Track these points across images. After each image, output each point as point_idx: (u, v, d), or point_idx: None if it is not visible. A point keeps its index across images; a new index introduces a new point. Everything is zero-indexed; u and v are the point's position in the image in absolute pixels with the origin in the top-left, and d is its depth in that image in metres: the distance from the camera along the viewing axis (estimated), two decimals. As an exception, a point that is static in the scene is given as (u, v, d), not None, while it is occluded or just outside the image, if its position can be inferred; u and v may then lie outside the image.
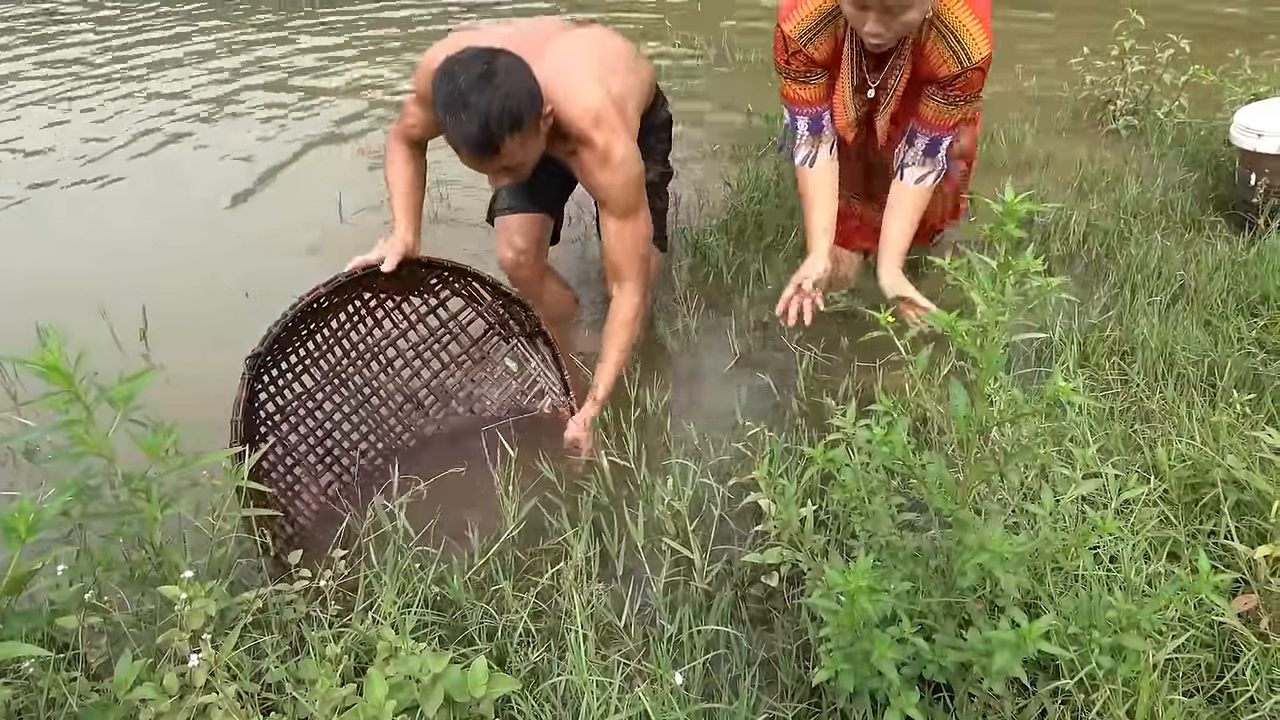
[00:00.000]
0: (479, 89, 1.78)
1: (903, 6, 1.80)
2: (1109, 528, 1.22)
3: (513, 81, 1.82)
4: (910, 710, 1.20)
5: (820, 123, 2.20)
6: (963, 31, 1.93)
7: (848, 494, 1.39)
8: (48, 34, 6.44)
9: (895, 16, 1.83)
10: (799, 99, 2.18)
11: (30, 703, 1.29)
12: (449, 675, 1.25)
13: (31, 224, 3.55)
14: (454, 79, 1.80)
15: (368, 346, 2.28)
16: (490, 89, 1.79)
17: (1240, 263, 2.53)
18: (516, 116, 1.82)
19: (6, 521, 1.22)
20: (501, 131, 1.81)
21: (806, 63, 2.10)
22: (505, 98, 1.80)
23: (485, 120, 1.79)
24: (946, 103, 2.06)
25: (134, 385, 1.35)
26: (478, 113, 1.78)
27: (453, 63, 1.82)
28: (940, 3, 1.91)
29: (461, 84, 1.78)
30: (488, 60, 1.81)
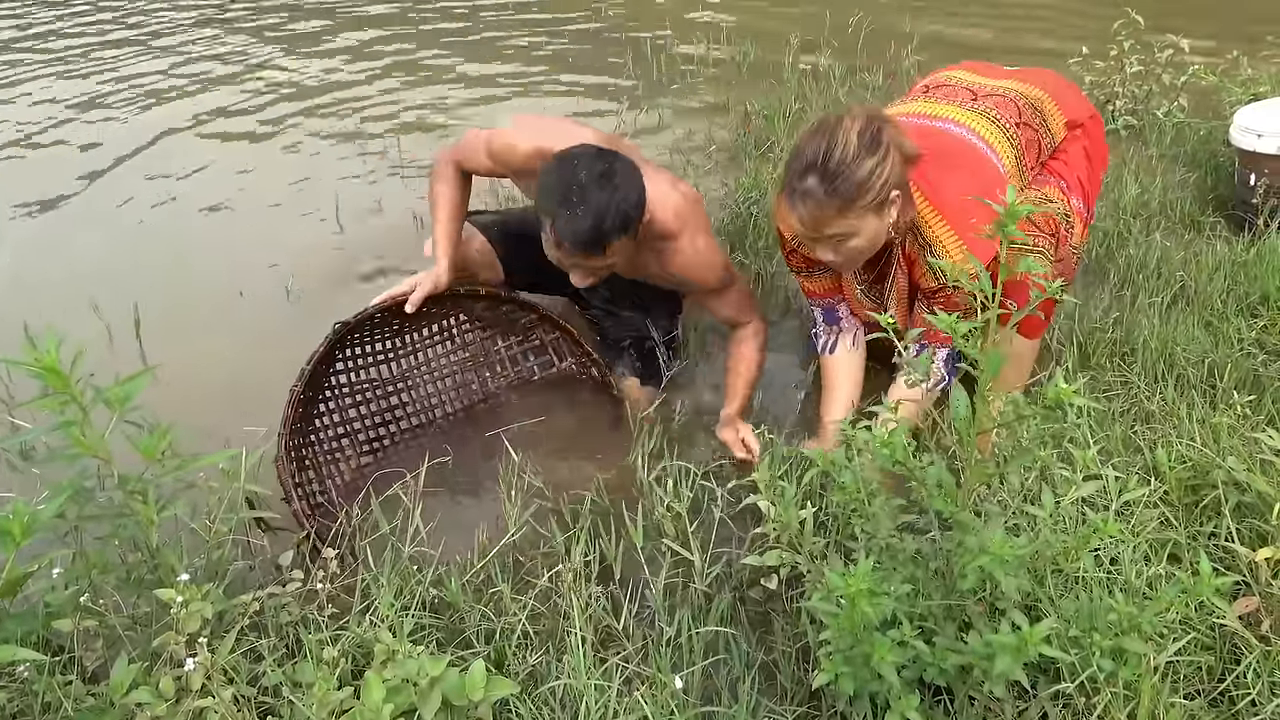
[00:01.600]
0: (599, 186, 1.81)
1: (845, 235, 1.75)
2: (1109, 530, 1.21)
3: (629, 184, 1.86)
4: (910, 713, 1.19)
5: (835, 314, 2.13)
6: (938, 246, 1.81)
7: (847, 496, 1.39)
8: (48, 30, 6.43)
9: (843, 243, 1.77)
10: (809, 290, 2.14)
11: (26, 706, 1.28)
12: (447, 678, 1.24)
13: (31, 222, 3.54)
14: (574, 172, 1.82)
15: (447, 366, 2.39)
16: (610, 188, 1.82)
17: (1240, 263, 2.53)
18: (628, 219, 1.86)
19: (2, 524, 1.21)
20: (613, 231, 1.84)
21: (804, 260, 2.04)
22: (623, 199, 1.83)
23: (601, 218, 1.81)
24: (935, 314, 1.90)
25: (130, 386, 1.34)
26: (594, 210, 1.80)
27: (573, 157, 1.86)
28: (919, 215, 1.82)
29: (582, 178, 1.81)
30: (608, 160, 1.86)
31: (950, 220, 1.80)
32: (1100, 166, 2.12)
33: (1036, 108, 1.98)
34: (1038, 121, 1.97)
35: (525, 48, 5.61)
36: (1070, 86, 2.12)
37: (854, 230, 1.74)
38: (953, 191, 1.81)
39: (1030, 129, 1.95)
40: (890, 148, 1.71)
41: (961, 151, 1.88)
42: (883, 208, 1.74)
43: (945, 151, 1.86)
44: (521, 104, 4.63)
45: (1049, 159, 2.03)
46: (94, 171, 3.99)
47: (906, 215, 1.81)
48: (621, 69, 4.99)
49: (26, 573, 1.34)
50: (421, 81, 5.05)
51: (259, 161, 4.03)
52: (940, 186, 1.82)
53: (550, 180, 1.84)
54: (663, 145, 4.01)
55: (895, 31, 5.07)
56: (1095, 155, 2.09)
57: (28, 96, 5.05)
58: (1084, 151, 2.06)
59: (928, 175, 1.81)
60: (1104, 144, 2.13)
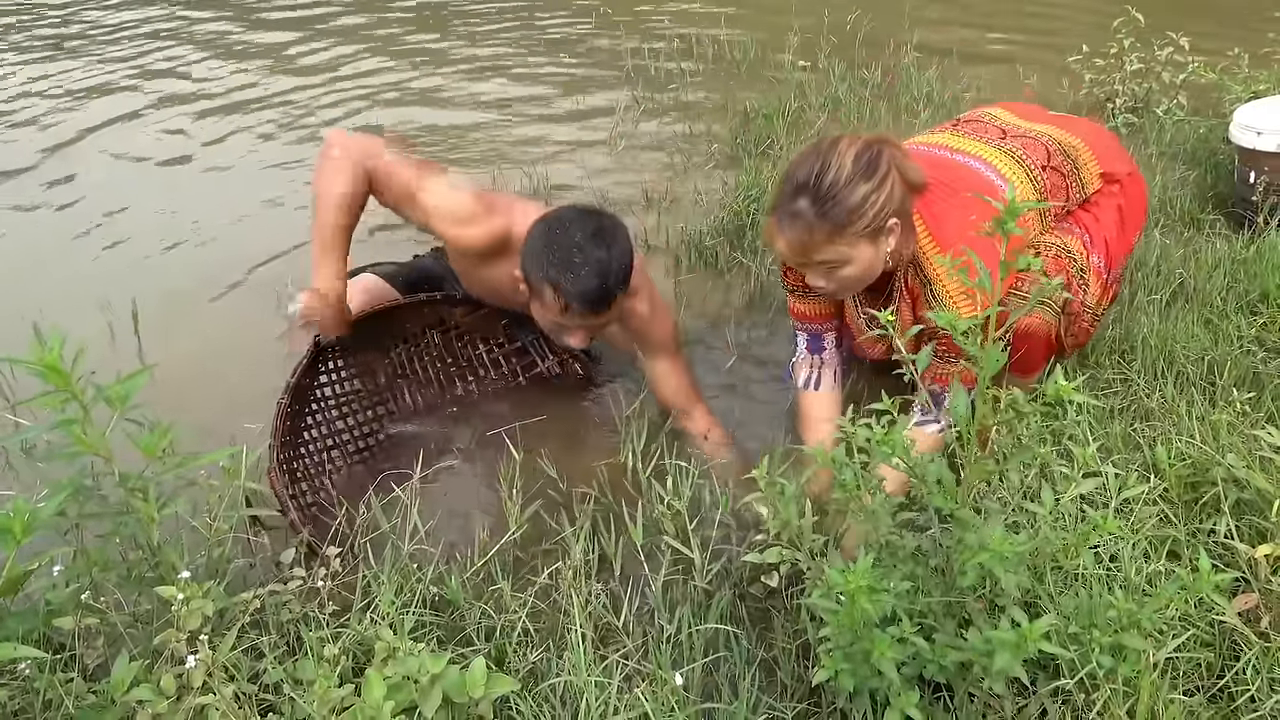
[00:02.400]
0: (597, 244, 1.80)
1: (836, 262, 1.67)
2: (1109, 527, 1.21)
3: (622, 238, 1.86)
4: (910, 710, 1.19)
5: (821, 342, 2.03)
6: (939, 286, 1.73)
7: (848, 493, 1.38)
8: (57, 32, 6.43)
9: (835, 270, 1.69)
10: (798, 313, 2.03)
11: (27, 704, 1.29)
12: (447, 675, 1.24)
13: (31, 221, 3.54)
14: (569, 234, 1.81)
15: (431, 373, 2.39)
16: (606, 245, 1.81)
17: (1239, 261, 2.53)
18: (628, 272, 1.86)
19: (2, 521, 1.21)
20: (617, 286, 1.84)
21: (801, 278, 1.90)
22: (622, 254, 1.84)
23: (606, 275, 1.80)
24: (941, 359, 1.78)
25: (130, 384, 1.34)
26: (598, 268, 1.79)
27: (563, 220, 1.85)
28: (919, 249, 1.74)
29: (579, 239, 1.80)
30: (596, 217, 1.86)
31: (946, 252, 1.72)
32: (1134, 228, 2.02)
33: (1069, 154, 1.91)
34: (1068, 168, 1.90)
35: (523, 46, 5.61)
36: (1112, 141, 2.05)
37: (845, 258, 1.66)
38: (955, 225, 1.72)
39: (1058, 174, 1.88)
40: (889, 174, 1.64)
41: (974, 186, 1.79)
42: (878, 236, 1.66)
43: (956, 184, 1.78)
44: (523, 105, 4.63)
45: (1077, 209, 1.94)
46: (96, 171, 3.99)
47: (909, 245, 1.74)
48: (620, 67, 4.99)
49: (27, 571, 1.34)
50: (418, 77, 5.05)
51: (260, 160, 4.03)
52: (944, 219, 1.73)
53: (544, 246, 1.82)
54: (662, 144, 4.01)
55: (894, 30, 5.07)
56: (1129, 215, 1.98)
57: (27, 90, 5.05)
58: (1118, 209, 1.96)
59: (932, 206, 1.74)
60: (1142, 204, 2.04)
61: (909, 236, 1.73)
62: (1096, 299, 1.93)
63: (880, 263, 1.71)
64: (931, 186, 1.74)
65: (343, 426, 2.23)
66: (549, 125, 4.33)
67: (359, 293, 2.21)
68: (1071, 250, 1.88)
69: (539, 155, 3.92)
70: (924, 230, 1.74)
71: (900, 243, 1.71)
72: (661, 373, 2.14)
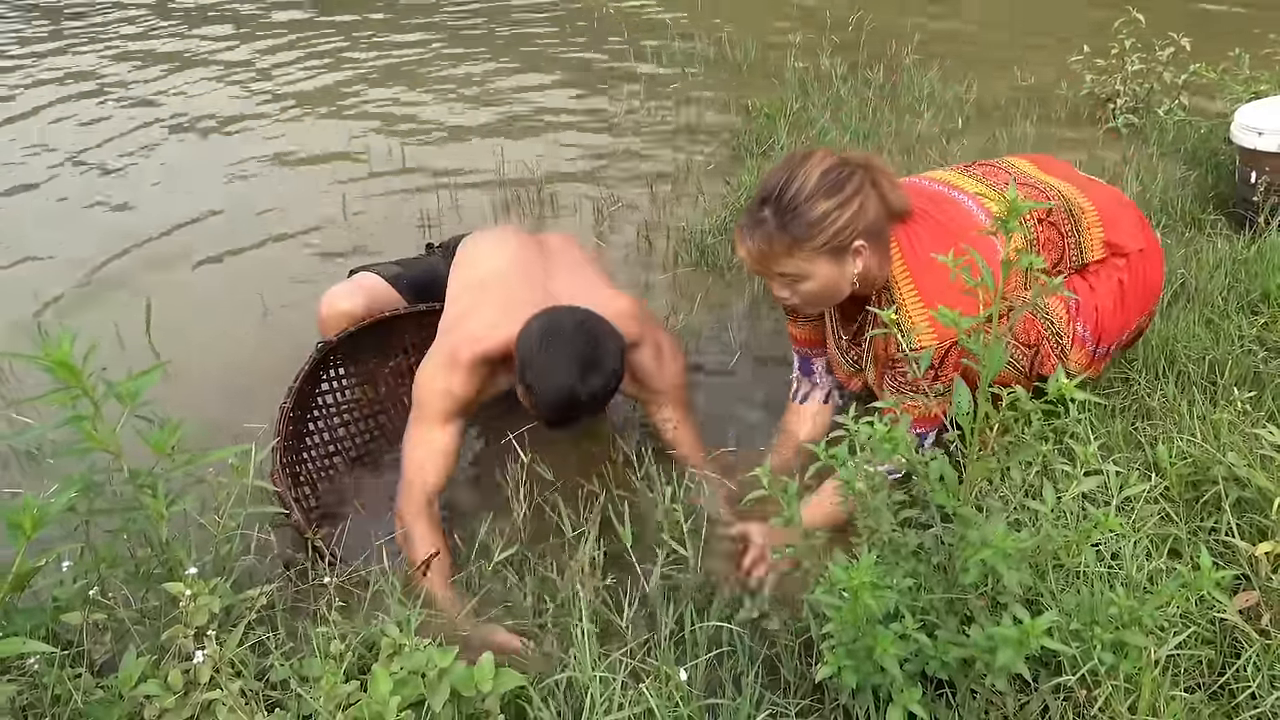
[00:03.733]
0: (580, 373, 1.72)
1: (796, 276, 1.67)
2: (1111, 524, 1.22)
3: (608, 367, 1.76)
4: (913, 706, 1.20)
5: (810, 366, 2.05)
6: (903, 313, 1.69)
7: (850, 490, 1.39)
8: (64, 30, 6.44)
9: (795, 283, 1.68)
10: (792, 335, 2.05)
11: (35, 699, 1.29)
12: (455, 670, 1.25)
13: (34, 221, 3.55)
14: (556, 351, 1.72)
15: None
16: (585, 375, 1.73)
17: (1240, 261, 2.54)
18: (603, 401, 1.81)
19: (11, 517, 1.22)
20: (585, 414, 1.79)
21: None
22: (600, 388, 1.75)
23: (574, 407, 1.74)
24: (893, 388, 1.76)
25: (142, 381, 1.35)
26: (569, 399, 1.72)
27: (559, 331, 1.75)
28: (893, 277, 1.71)
29: (562, 362, 1.72)
30: (592, 342, 1.76)
31: (917, 282, 1.69)
32: (1137, 306, 1.91)
33: (1074, 215, 1.84)
34: (1067, 227, 1.83)
35: (525, 45, 5.61)
36: (1129, 214, 1.93)
37: (804, 272, 1.65)
38: (932, 260, 1.67)
39: (1056, 230, 1.82)
40: (857, 194, 1.62)
41: (957, 220, 1.76)
42: (841, 255, 1.64)
43: (940, 217, 1.76)
44: (525, 104, 4.64)
45: (1074, 275, 1.85)
46: (98, 170, 4.00)
47: (883, 270, 1.71)
48: (623, 68, 5.00)
49: (36, 567, 1.35)
50: (424, 80, 5.06)
51: (267, 160, 4.04)
52: (918, 247, 1.71)
53: (533, 350, 1.74)
54: (664, 142, 4.02)
55: (896, 29, 5.08)
56: (1132, 291, 1.88)
57: (37, 91, 5.06)
58: (1119, 283, 1.86)
59: (911, 234, 1.72)
60: (1151, 283, 1.93)
61: (884, 261, 1.70)
62: (1081, 368, 1.85)
63: (845, 283, 1.69)
64: (916, 216, 1.73)
65: (344, 434, 2.22)
66: (551, 124, 4.34)
67: (359, 291, 2.21)
68: (1051, 313, 1.80)
69: (541, 155, 3.94)
70: (899, 256, 1.71)
71: (872, 266, 1.68)
72: (662, 421, 2.06)
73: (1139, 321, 1.95)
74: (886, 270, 1.71)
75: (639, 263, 3.02)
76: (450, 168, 3.86)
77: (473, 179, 3.74)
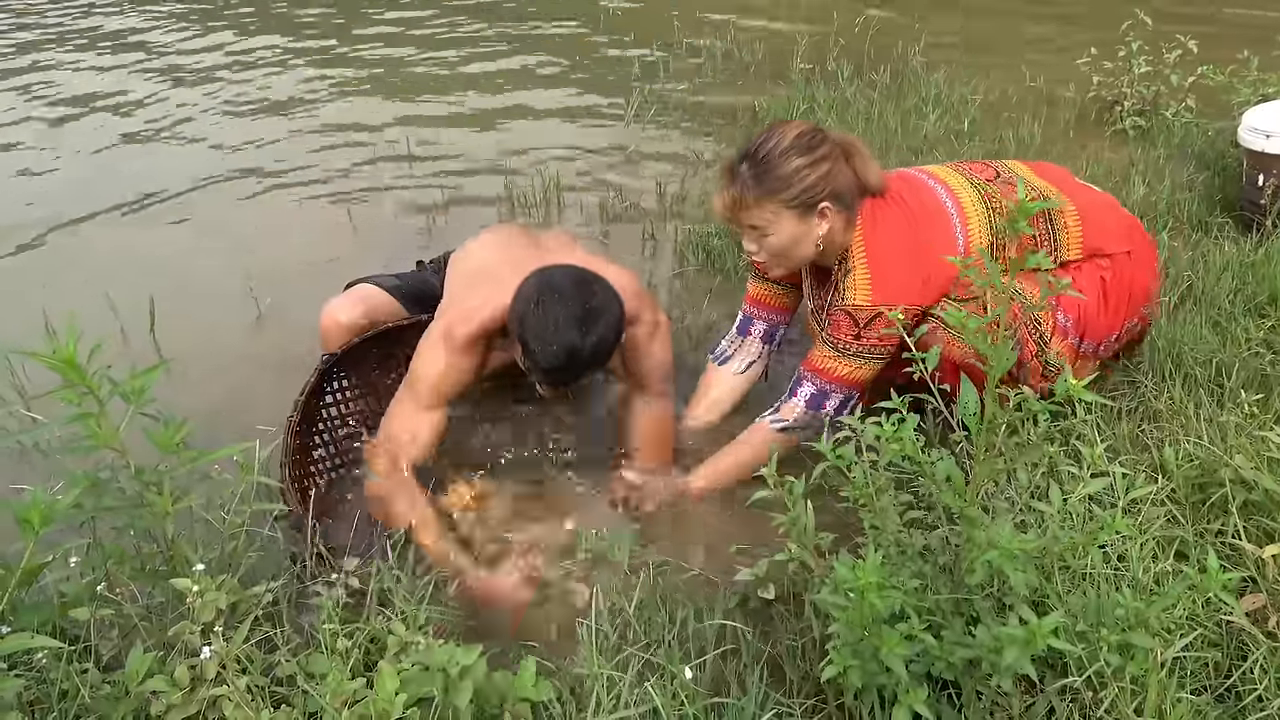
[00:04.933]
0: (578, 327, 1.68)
1: (762, 229, 1.78)
2: (1117, 526, 1.22)
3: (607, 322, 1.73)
4: (918, 706, 1.20)
5: (750, 326, 2.14)
6: (851, 274, 1.81)
7: (857, 491, 1.39)
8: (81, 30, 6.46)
9: (761, 235, 1.79)
10: (750, 294, 2.14)
11: (43, 694, 1.30)
12: (477, 669, 1.24)
13: (39, 219, 3.56)
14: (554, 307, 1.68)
15: None
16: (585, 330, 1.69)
17: (1248, 264, 2.53)
18: (605, 356, 1.77)
19: (20, 513, 1.22)
20: (586, 370, 1.75)
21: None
22: (600, 340, 1.71)
23: (575, 360, 1.70)
24: (822, 338, 1.87)
25: (145, 379, 1.35)
26: (570, 353, 1.69)
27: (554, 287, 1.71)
28: (850, 245, 1.82)
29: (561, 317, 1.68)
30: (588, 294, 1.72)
31: (870, 254, 1.79)
32: (1122, 308, 1.94)
33: (1049, 215, 1.89)
34: (1043, 228, 1.88)
35: (532, 46, 5.62)
36: (1113, 217, 1.98)
37: (770, 225, 1.77)
38: (888, 234, 1.80)
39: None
40: (827, 157, 1.74)
41: (925, 206, 1.84)
42: (808, 213, 1.75)
43: (913, 204, 1.84)
44: (533, 104, 4.65)
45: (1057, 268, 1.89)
46: (104, 170, 4.01)
47: (846, 238, 1.81)
48: (630, 67, 5.00)
49: (44, 562, 1.35)
50: (427, 77, 5.07)
51: (275, 162, 4.05)
52: (880, 226, 1.81)
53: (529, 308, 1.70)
54: (671, 143, 4.02)
55: (902, 31, 5.08)
56: (1115, 292, 1.92)
57: (44, 93, 5.07)
58: (1100, 281, 1.91)
59: (875, 211, 1.82)
60: (1137, 286, 1.96)
61: (848, 230, 1.81)
62: (1065, 360, 1.86)
63: (810, 243, 1.80)
64: (890, 196, 1.83)
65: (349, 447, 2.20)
66: (559, 125, 4.35)
67: (359, 302, 2.18)
68: (1027, 296, 1.82)
69: (550, 155, 3.94)
70: (860, 228, 1.82)
71: (836, 230, 1.79)
72: (641, 407, 2.03)
73: (1126, 324, 1.97)
74: (848, 239, 1.83)
75: (645, 263, 3.02)
76: (454, 166, 3.87)
77: (477, 178, 3.75)
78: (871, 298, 1.77)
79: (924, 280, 1.78)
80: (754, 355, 2.15)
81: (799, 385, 1.89)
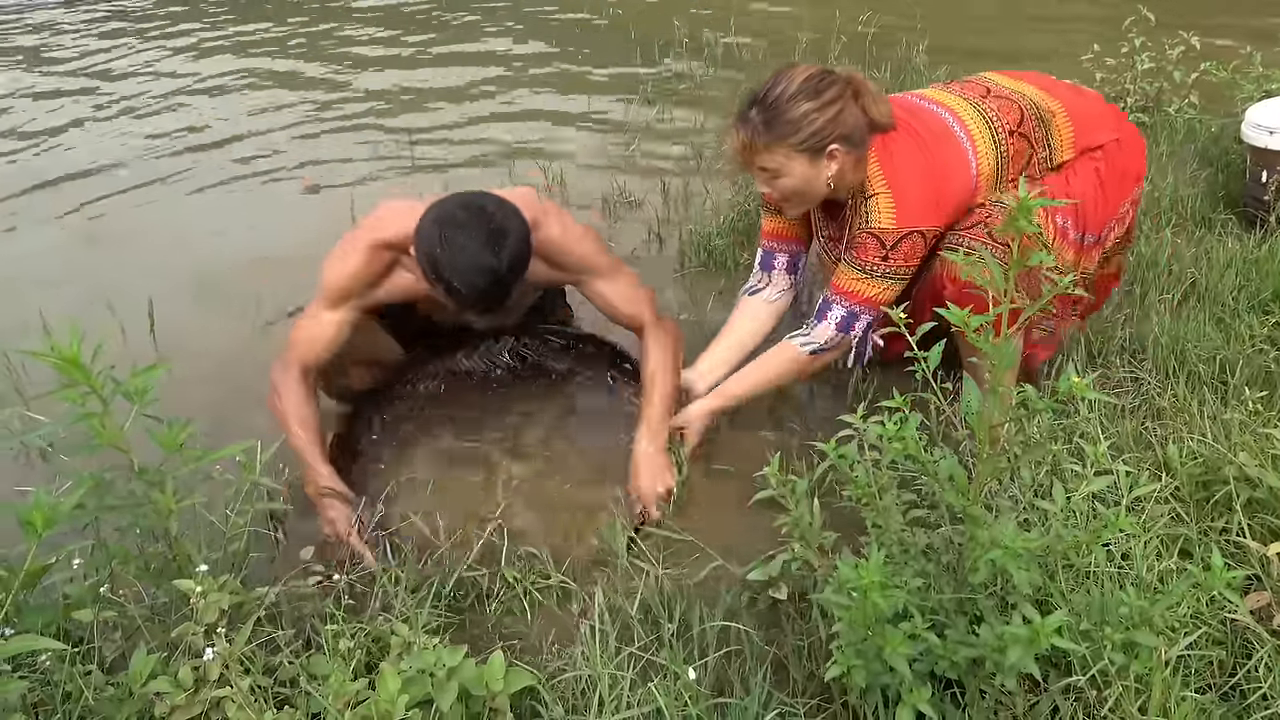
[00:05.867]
0: (489, 249, 1.68)
1: (774, 171, 1.80)
2: (1121, 524, 1.21)
3: (514, 234, 1.73)
4: (922, 705, 1.20)
5: (773, 260, 2.16)
6: (873, 199, 1.83)
7: (860, 490, 1.39)
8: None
9: (774, 177, 1.82)
10: (765, 229, 2.16)
11: (46, 696, 1.30)
12: (464, 669, 1.25)
13: (44, 218, 3.57)
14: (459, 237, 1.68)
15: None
16: (497, 249, 1.69)
17: (1251, 260, 2.52)
18: (523, 265, 1.76)
19: (23, 515, 1.22)
20: (511, 284, 1.74)
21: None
22: (514, 255, 1.71)
23: (499, 281, 1.71)
24: (846, 262, 1.91)
25: (147, 377, 1.35)
26: (491, 276, 1.69)
27: (453, 219, 1.70)
28: (868, 176, 1.84)
29: (469, 246, 1.67)
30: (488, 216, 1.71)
31: (890, 180, 1.82)
32: (1119, 191, 1.98)
33: (1044, 121, 1.92)
34: (1038, 135, 1.92)
35: (534, 46, 5.62)
36: (1096, 108, 2.02)
37: (781, 168, 1.80)
38: (904, 160, 1.83)
39: (1024, 140, 1.90)
40: (837, 100, 1.76)
41: (935, 133, 1.87)
42: (818, 156, 1.78)
43: (920, 129, 1.87)
44: (535, 104, 4.65)
45: (1050, 175, 1.95)
46: (108, 172, 4.01)
47: (858, 176, 1.84)
48: (632, 67, 5.00)
49: (47, 564, 1.35)
50: (429, 76, 5.07)
51: (278, 163, 4.05)
52: (896, 154, 1.84)
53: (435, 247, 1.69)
54: (673, 143, 4.01)
55: (906, 29, 5.07)
56: (1110, 179, 1.96)
57: (44, 101, 5.08)
58: (1095, 173, 1.95)
59: (889, 144, 1.84)
60: (1131, 168, 1.99)
61: (859, 168, 1.84)
62: (1070, 262, 1.93)
63: (821, 184, 1.83)
64: (898, 127, 1.85)
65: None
66: (561, 124, 4.35)
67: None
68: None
69: (551, 154, 3.94)
70: (876, 163, 1.84)
71: (846, 170, 1.82)
72: (604, 293, 2.03)
73: (1122, 208, 2.02)
74: (861, 176, 1.85)
75: (649, 262, 3.01)
76: (457, 164, 3.87)
77: (479, 176, 3.74)
78: (896, 221, 1.81)
79: (941, 202, 1.84)
80: (783, 286, 2.18)
81: (828, 309, 1.93)
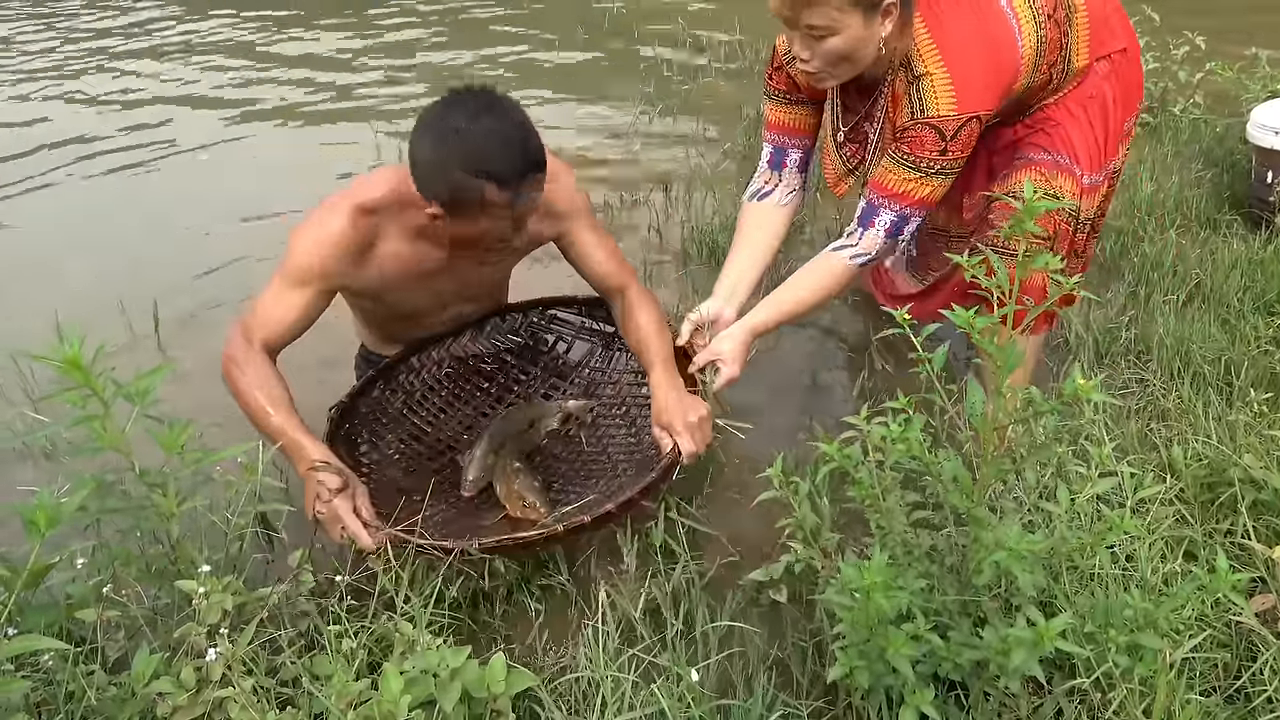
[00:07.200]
0: (500, 116, 1.58)
1: (824, 30, 1.61)
2: (1125, 526, 1.21)
3: (507, 99, 1.65)
4: (925, 707, 1.19)
5: (784, 156, 1.99)
6: (926, 80, 1.67)
7: (863, 491, 1.39)
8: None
9: (818, 40, 1.63)
10: (772, 122, 1.99)
11: (49, 696, 1.30)
12: (467, 670, 1.24)
13: (47, 218, 3.57)
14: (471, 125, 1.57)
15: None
16: (507, 110, 1.60)
17: (1256, 261, 2.52)
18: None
19: (27, 515, 1.22)
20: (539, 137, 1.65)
21: (788, 82, 1.93)
22: (520, 109, 1.63)
23: (529, 133, 1.62)
24: (894, 159, 1.74)
25: (149, 380, 1.35)
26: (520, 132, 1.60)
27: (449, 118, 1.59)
28: (915, 48, 1.69)
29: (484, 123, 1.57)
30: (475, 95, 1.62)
31: (946, 56, 1.65)
32: (1124, 109, 1.91)
33: (1070, 13, 1.82)
34: (1065, 27, 1.81)
35: (536, 45, 5.62)
36: (1114, 11, 1.93)
37: (834, 26, 1.60)
38: (958, 30, 1.67)
39: (1058, 28, 1.78)
40: None
41: (986, 4, 1.72)
42: (873, 12, 1.60)
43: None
44: (536, 103, 4.64)
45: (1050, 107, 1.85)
46: (110, 171, 4.02)
47: (904, 43, 1.68)
48: (632, 70, 5.00)
49: (50, 564, 1.35)
50: (429, 76, 5.07)
51: (279, 163, 4.05)
52: (946, 21, 1.67)
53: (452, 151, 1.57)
54: (675, 141, 4.01)
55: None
56: (1118, 94, 1.88)
57: (52, 97, 5.09)
58: (1106, 92, 1.87)
59: (937, 9, 1.68)
60: (1135, 84, 1.94)
61: (906, 33, 1.67)
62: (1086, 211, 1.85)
63: (872, 48, 1.65)
64: None
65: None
66: (563, 123, 4.34)
67: None
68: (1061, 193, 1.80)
69: (551, 153, 3.92)
70: (924, 29, 1.68)
71: (895, 35, 1.65)
72: (585, 245, 1.92)
73: (1127, 124, 1.93)
74: (908, 45, 1.68)
75: (650, 260, 3.01)
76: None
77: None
78: (958, 106, 1.64)
79: (1001, 77, 1.69)
80: (795, 185, 2.01)
81: (875, 214, 1.76)
